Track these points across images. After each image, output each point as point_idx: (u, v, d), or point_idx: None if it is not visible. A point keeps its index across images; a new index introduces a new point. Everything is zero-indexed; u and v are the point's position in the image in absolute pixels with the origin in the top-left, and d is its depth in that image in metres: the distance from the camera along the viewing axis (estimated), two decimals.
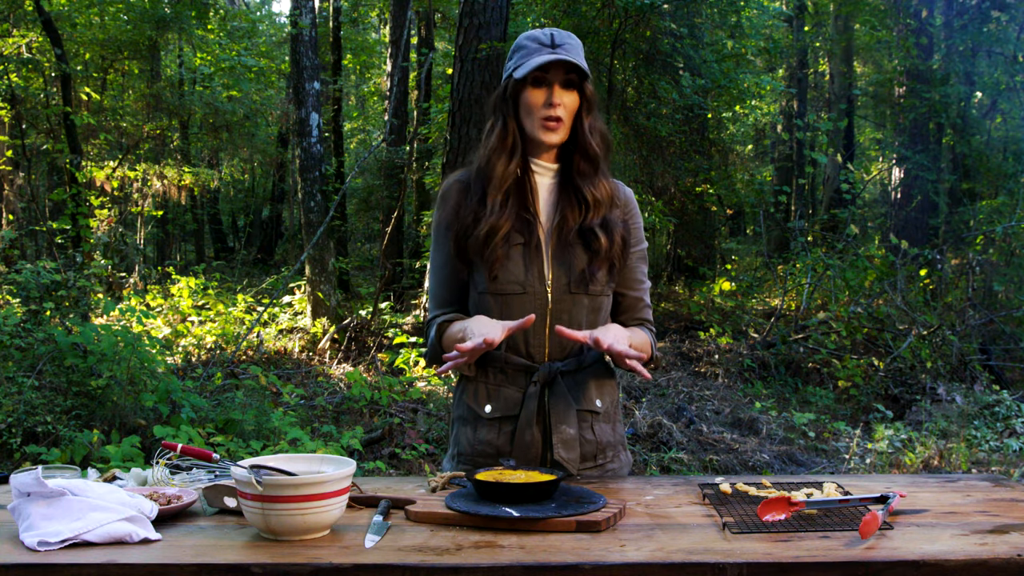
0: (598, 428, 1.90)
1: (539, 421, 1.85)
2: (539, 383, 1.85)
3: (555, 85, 1.82)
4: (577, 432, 1.86)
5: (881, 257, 9.18)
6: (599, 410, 1.91)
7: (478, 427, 1.90)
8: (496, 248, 1.82)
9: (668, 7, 9.35)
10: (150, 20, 10.90)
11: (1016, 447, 5.65)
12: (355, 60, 17.90)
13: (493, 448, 1.87)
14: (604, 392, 1.93)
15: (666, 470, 5.21)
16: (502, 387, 1.87)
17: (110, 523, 1.41)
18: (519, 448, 1.84)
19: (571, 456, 1.85)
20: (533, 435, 1.84)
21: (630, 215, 1.94)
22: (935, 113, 11.46)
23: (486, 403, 1.89)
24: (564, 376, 1.87)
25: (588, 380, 1.90)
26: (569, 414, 1.86)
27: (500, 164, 1.85)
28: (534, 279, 1.84)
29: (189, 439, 4.27)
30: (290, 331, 9.01)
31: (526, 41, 1.85)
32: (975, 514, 1.59)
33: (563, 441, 1.84)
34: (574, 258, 1.84)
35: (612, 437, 1.94)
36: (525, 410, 1.84)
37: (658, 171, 10.13)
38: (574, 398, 1.87)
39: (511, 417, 1.86)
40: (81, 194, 9.10)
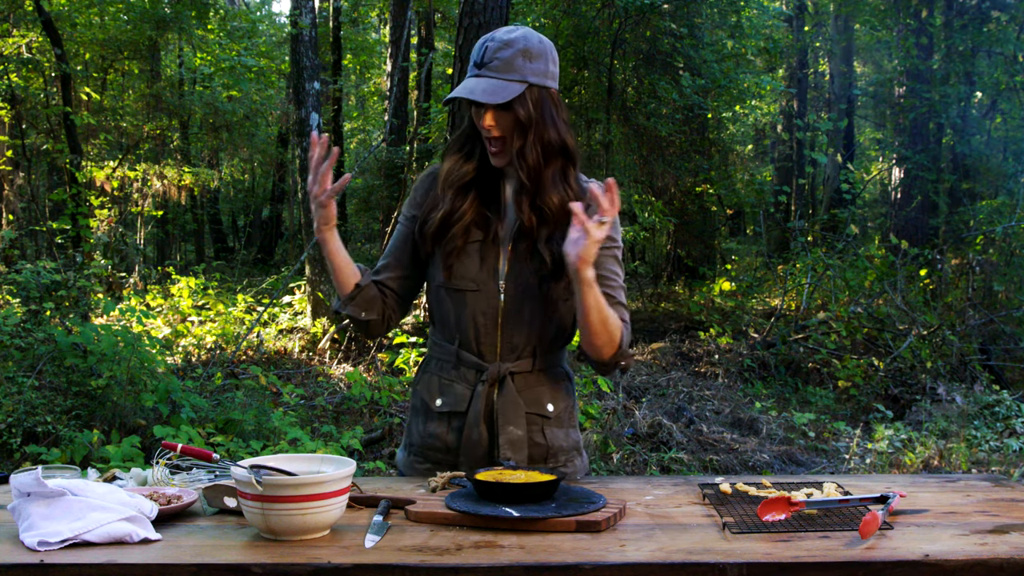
0: (549, 432, 1.88)
1: (486, 420, 1.84)
2: (487, 382, 1.84)
3: (487, 109, 1.75)
4: (525, 434, 1.85)
5: (881, 257, 9.18)
6: (550, 414, 1.88)
7: (428, 419, 1.91)
8: (455, 238, 1.82)
9: (668, 7, 9.35)
10: (150, 20, 10.90)
11: (1016, 447, 5.65)
12: (355, 60, 17.90)
13: (442, 443, 1.88)
14: (557, 396, 1.90)
15: (666, 470, 5.21)
16: (453, 383, 1.87)
17: (110, 523, 1.41)
18: (466, 445, 1.84)
19: (518, 458, 1.83)
20: (480, 434, 1.83)
21: None
22: (935, 113, 11.46)
23: (437, 396, 1.89)
24: (515, 377, 1.85)
25: (540, 383, 1.88)
26: (517, 416, 1.84)
27: (449, 162, 1.86)
28: (488, 277, 1.82)
29: (189, 439, 4.27)
30: (290, 331, 9.01)
31: (472, 53, 1.80)
32: (975, 514, 1.59)
33: (509, 442, 1.83)
34: (534, 259, 1.82)
35: (565, 442, 1.91)
36: (472, 408, 1.84)
37: (658, 171, 10.13)
38: (524, 400, 1.85)
39: (460, 413, 1.86)
40: (81, 194, 9.10)
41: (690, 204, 11.52)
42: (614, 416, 6.07)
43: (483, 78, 1.75)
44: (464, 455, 1.85)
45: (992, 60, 12.70)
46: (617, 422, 5.95)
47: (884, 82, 14.06)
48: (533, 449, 1.86)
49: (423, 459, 1.91)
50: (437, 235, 1.84)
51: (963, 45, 11.97)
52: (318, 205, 1.77)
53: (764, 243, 11.12)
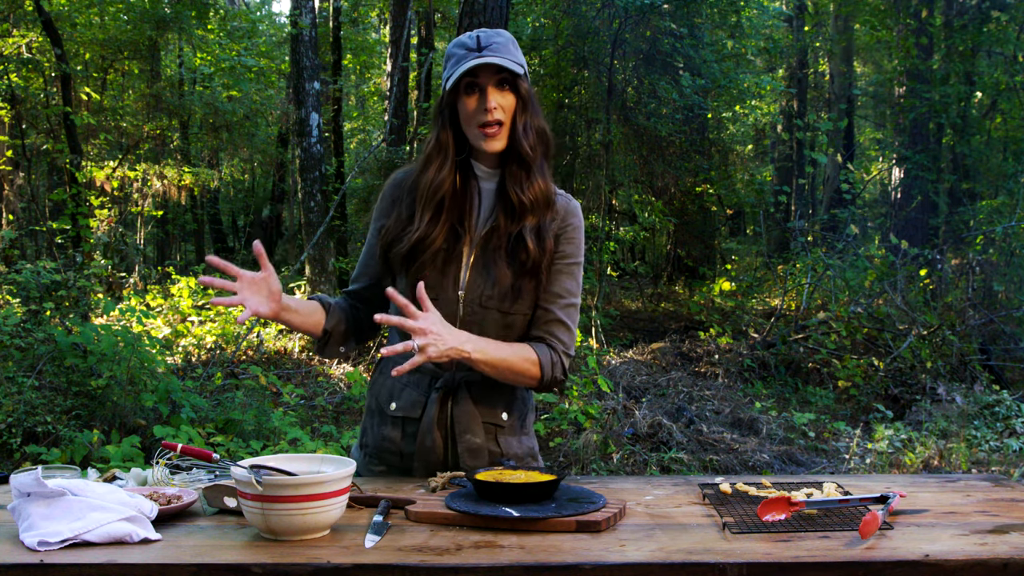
0: (503, 440, 1.89)
1: (441, 428, 1.85)
2: (441, 390, 1.85)
3: (488, 88, 1.76)
4: (483, 442, 1.86)
5: (881, 257, 9.18)
6: (504, 423, 1.89)
7: (383, 422, 1.91)
8: (424, 266, 1.81)
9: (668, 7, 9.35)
10: (150, 20, 10.90)
11: (1016, 447, 5.65)
12: (355, 60, 17.89)
13: (396, 447, 1.88)
14: (512, 405, 1.91)
15: (666, 470, 5.21)
16: (407, 388, 1.88)
17: (110, 523, 1.41)
18: (420, 451, 1.85)
19: (479, 464, 1.84)
20: (434, 440, 1.84)
21: (565, 229, 1.85)
22: (935, 113, 11.46)
23: (391, 400, 1.89)
24: (470, 386, 1.86)
25: (495, 392, 1.88)
26: (474, 424, 1.85)
27: (430, 173, 1.83)
28: (448, 287, 1.82)
29: (189, 439, 4.27)
30: (290, 331, 9.01)
31: (455, 49, 1.80)
32: (975, 514, 1.59)
33: (469, 450, 1.84)
34: (496, 270, 1.81)
35: (519, 449, 1.92)
36: (427, 415, 1.84)
37: (658, 171, 10.13)
38: (479, 409, 1.86)
39: (414, 419, 1.86)
40: (81, 194, 9.10)
41: (690, 204, 11.52)
42: (614, 416, 6.07)
43: (488, 56, 1.76)
44: (418, 460, 1.85)
45: (992, 60, 12.69)
46: (617, 422, 5.95)
47: (884, 82, 14.06)
48: (491, 457, 1.87)
49: (378, 461, 1.92)
50: (407, 259, 1.83)
51: (963, 45, 11.97)
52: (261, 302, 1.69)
53: (764, 243, 11.12)
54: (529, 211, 1.81)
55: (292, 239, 14.32)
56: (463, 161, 1.85)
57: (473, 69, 1.75)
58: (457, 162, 1.84)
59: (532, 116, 1.81)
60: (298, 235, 11.46)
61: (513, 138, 1.80)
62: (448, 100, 1.81)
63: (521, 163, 1.81)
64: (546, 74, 10.15)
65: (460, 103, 1.80)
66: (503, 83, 1.78)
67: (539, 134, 1.83)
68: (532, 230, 1.81)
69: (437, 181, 1.81)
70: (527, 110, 1.80)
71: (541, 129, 1.83)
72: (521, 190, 1.80)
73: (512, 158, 1.82)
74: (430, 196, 1.82)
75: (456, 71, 1.76)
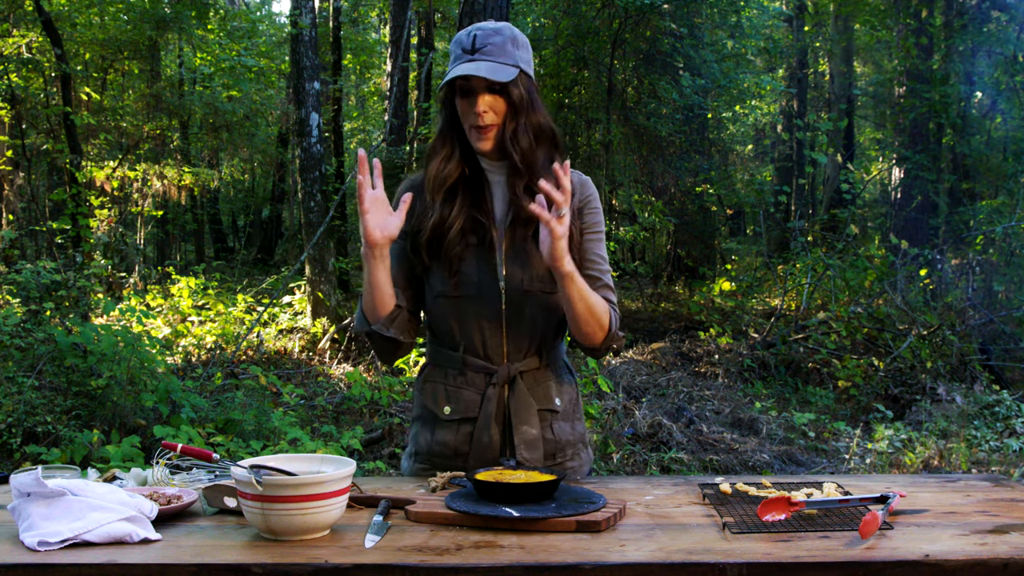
0: (557, 427, 1.89)
1: (498, 422, 1.85)
2: (498, 384, 1.84)
3: (479, 93, 1.77)
4: (539, 432, 1.86)
5: (881, 257, 9.18)
6: (558, 408, 1.90)
7: (436, 428, 1.90)
8: (453, 245, 1.81)
9: (668, 7, 9.35)
10: (150, 20, 10.90)
11: (1016, 447, 5.65)
12: (355, 60, 17.90)
13: (451, 449, 1.87)
14: (563, 390, 1.92)
15: (666, 470, 5.21)
16: (461, 389, 1.87)
17: (110, 523, 1.42)
18: (477, 449, 1.84)
19: (534, 456, 1.84)
20: (491, 436, 1.84)
21: (586, 201, 1.89)
22: (935, 113, 11.46)
23: (444, 404, 1.88)
24: (524, 376, 1.86)
25: (547, 379, 1.89)
26: (530, 414, 1.85)
27: (435, 165, 1.85)
28: (488, 279, 1.82)
29: (189, 439, 4.27)
30: (290, 331, 9.01)
31: (453, 45, 1.82)
32: (975, 514, 1.59)
33: (525, 441, 1.84)
34: (530, 257, 1.82)
35: (571, 435, 1.92)
36: (483, 412, 1.84)
37: (658, 171, 10.13)
38: (534, 397, 1.87)
39: (470, 419, 1.86)
40: (81, 194, 9.10)
41: (690, 204, 11.53)
42: (614, 416, 6.07)
43: (478, 61, 1.76)
44: (474, 458, 1.85)
45: (992, 60, 12.69)
46: (617, 422, 5.95)
47: (884, 82, 14.05)
48: (545, 446, 1.87)
49: (430, 466, 1.90)
50: (431, 244, 1.83)
51: (963, 45, 11.97)
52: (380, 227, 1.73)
53: (764, 243, 11.12)
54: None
55: (292, 239, 14.32)
56: (470, 153, 1.86)
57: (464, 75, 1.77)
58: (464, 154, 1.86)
59: (529, 116, 1.81)
60: (298, 235, 11.45)
61: (502, 144, 1.81)
62: (447, 98, 1.84)
63: (515, 170, 1.83)
64: (546, 74, 10.15)
65: (455, 102, 1.82)
66: (496, 87, 1.78)
67: (538, 132, 1.82)
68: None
69: (445, 171, 1.84)
70: (520, 113, 1.80)
71: (539, 126, 1.82)
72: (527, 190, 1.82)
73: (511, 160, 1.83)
74: (439, 184, 1.84)
75: (449, 72, 1.78)
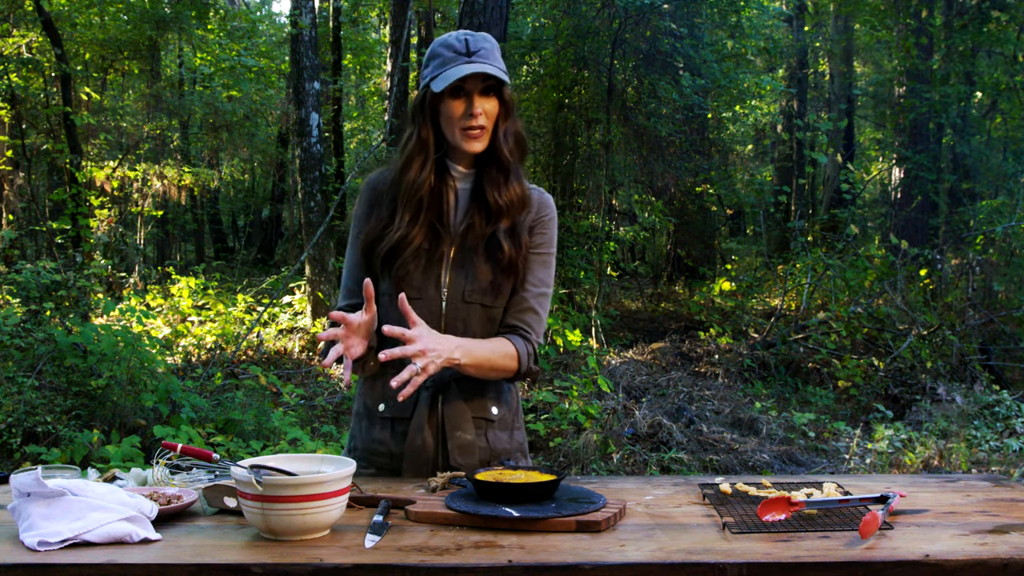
0: (492, 435, 1.90)
1: (431, 425, 1.86)
2: (431, 388, 1.86)
3: (474, 95, 1.80)
4: (474, 439, 1.87)
5: (881, 257, 9.18)
6: (493, 417, 1.91)
7: (372, 424, 1.92)
8: (406, 263, 1.82)
9: (668, 7, 9.34)
10: (150, 20, 10.90)
11: (1016, 447, 5.65)
12: (355, 60, 17.89)
13: (386, 448, 1.89)
14: (500, 399, 1.93)
15: (666, 470, 5.21)
16: (397, 389, 1.88)
17: (110, 523, 1.41)
18: (410, 451, 1.85)
19: (469, 462, 1.85)
20: (424, 439, 1.85)
21: (540, 220, 1.91)
22: (935, 113, 11.45)
23: (380, 401, 1.90)
24: (459, 383, 1.87)
25: (484, 387, 1.90)
26: (465, 421, 1.86)
27: (412, 173, 1.84)
28: (430, 286, 1.84)
29: (189, 439, 4.27)
30: (290, 331, 9.01)
31: (441, 49, 1.82)
32: (975, 514, 1.59)
33: (459, 447, 1.85)
34: (476, 268, 1.84)
35: (509, 444, 1.93)
36: (416, 414, 1.85)
37: (658, 171, 10.13)
38: (468, 405, 1.87)
39: (404, 419, 1.87)
40: (81, 194, 9.10)
41: (690, 204, 11.53)
42: (614, 416, 6.07)
43: (478, 63, 1.78)
44: (408, 460, 1.86)
45: (992, 60, 12.69)
46: (617, 422, 5.95)
47: (884, 82, 14.04)
48: (479, 453, 1.88)
49: (367, 464, 1.92)
50: (388, 259, 1.84)
51: (963, 45, 11.96)
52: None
53: (764, 243, 11.12)
54: (505, 214, 1.84)
55: (292, 239, 14.31)
56: (439, 160, 1.87)
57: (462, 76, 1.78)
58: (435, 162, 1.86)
59: (512, 122, 1.86)
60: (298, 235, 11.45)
61: (495, 144, 1.84)
62: (431, 101, 1.83)
63: (500, 167, 1.85)
64: (546, 74, 10.15)
65: (444, 104, 1.82)
66: (488, 89, 1.82)
67: (517, 139, 1.87)
68: (506, 232, 1.84)
69: (419, 180, 1.84)
70: (509, 116, 1.85)
71: (519, 134, 1.88)
72: (499, 193, 1.84)
73: (491, 162, 1.86)
74: (411, 195, 1.84)
75: (446, 74, 1.78)
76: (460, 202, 1.89)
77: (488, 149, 1.85)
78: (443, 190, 1.86)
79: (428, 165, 1.84)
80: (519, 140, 1.88)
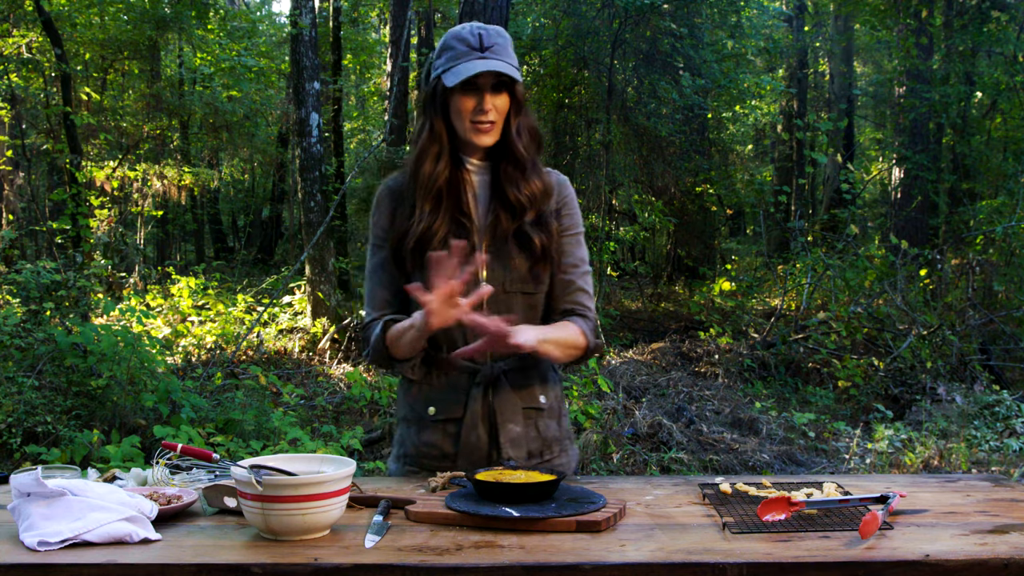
0: (542, 424, 1.91)
1: (484, 421, 1.86)
2: (482, 384, 1.85)
3: (485, 90, 1.80)
4: (524, 430, 1.87)
5: (881, 257, 9.18)
6: (543, 406, 1.91)
7: (422, 428, 1.90)
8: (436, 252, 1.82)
9: (668, 7, 9.34)
10: (150, 20, 10.90)
11: (1016, 447, 5.65)
12: (355, 60, 17.89)
13: (438, 450, 1.88)
14: (548, 388, 1.93)
15: (666, 470, 5.21)
16: (445, 389, 1.87)
17: (110, 523, 1.41)
18: (465, 449, 1.85)
19: (519, 454, 1.86)
20: (479, 436, 1.85)
21: (564, 201, 1.92)
22: (935, 113, 11.45)
23: (429, 405, 1.89)
24: (507, 375, 1.87)
25: (531, 377, 1.90)
26: (515, 412, 1.86)
27: (427, 165, 1.84)
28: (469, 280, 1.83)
29: (189, 439, 4.27)
30: (290, 331, 9.01)
31: (453, 42, 1.82)
32: (975, 514, 1.59)
33: (511, 440, 1.86)
34: (511, 259, 1.84)
35: (557, 432, 1.94)
36: (470, 412, 1.85)
37: (658, 171, 10.13)
38: (519, 396, 1.88)
39: (455, 419, 1.87)
40: (81, 194, 9.10)
41: (690, 204, 11.53)
42: (614, 416, 6.07)
43: (491, 60, 1.78)
44: (463, 458, 1.85)
45: (992, 60, 12.68)
46: (617, 422, 5.95)
47: (884, 82, 14.04)
48: (530, 443, 1.89)
49: (418, 468, 1.91)
50: (415, 253, 1.84)
51: (963, 45, 11.95)
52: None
53: (764, 243, 11.12)
54: (528, 208, 1.85)
55: (292, 239, 14.31)
56: (453, 153, 1.87)
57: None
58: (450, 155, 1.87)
59: (526, 115, 1.86)
60: (298, 235, 11.45)
61: (508, 139, 1.84)
62: (442, 95, 1.83)
63: (516, 163, 1.85)
64: (546, 74, 10.15)
65: (455, 99, 1.82)
66: (500, 86, 1.82)
67: (531, 134, 1.88)
68: (533, 223, 1.85)
69: (435, 172, 1.84)
70: (521, 111, 1.85)
71: (533, 128, 1.88)
72: (518, 189, 1.84)
73: (507, 158, 1.86)
74: (428, 187, 1.84)
75: (457, 68, 1.78)
76: (481, 195, 1.89)
77: (501, 144, 1.86)
78: (460, 182, 1.87)
79: (443, 157, 1.85)
80: (533, 134, 1.88)
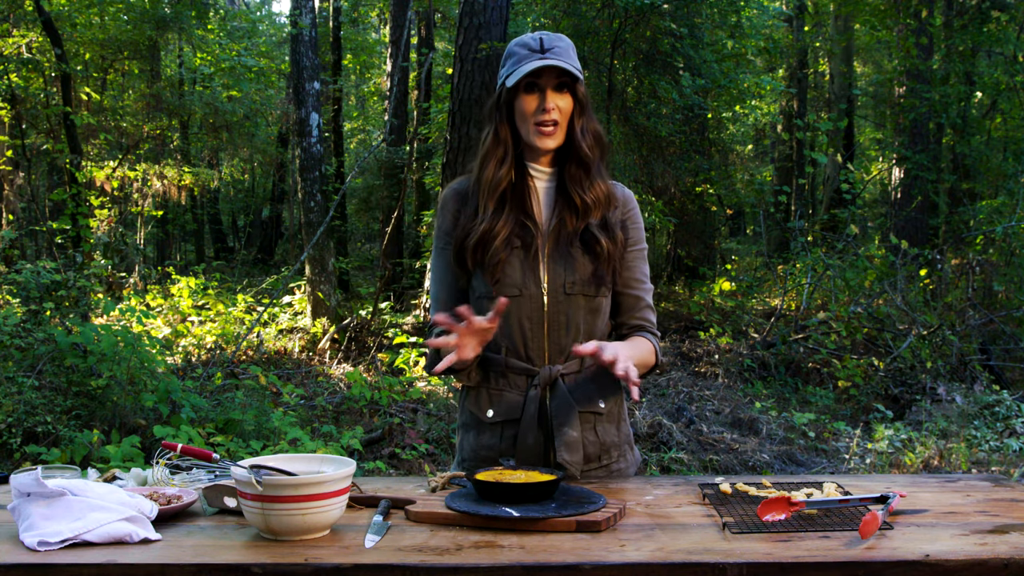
0: (601, 429, 1.90)
1: (541, 424, 1.85)
2: (539, 386, 1.85)
3: (547, 90, 1.82)
4: (580, 434, 1.86)
5: (881, 257, 9.18)
6: (602, 411, 1.90)
7: (480, 432, 1.91)
8: (497, 252, 1.83)
9: (668, 7, 9.35)
10: (150, 20, 10.91)
11: (1016, 447, 5.65)
12: (355, 60, 17.90)
13: (496, 452, 1.88)
14: (607, 392, 1.92)
15: (666, 470, 5.21)
16: (503, 391, 1.87)
17: (110, 523, 1.42)
18: (521, 451, 1.84)
19: (574, 458, 1.84)
20: (535, 438, 1.84)
21: (628, 215, 1.94)
22: (935, 113, 11.45)
23: (488, 408, 1.89)
24: (565, 378, 1.87)
25: (590, 381, 1.89)
26: (571, 416, 1.85)
27: (490, 169, 1.86)
28: (530, 281, 1.84)
29: (189, 439, 4.27)
30: (290, 331, 9.01)
31: (517, 48, 1.85)
32: (975, 514, 1.59)
33: (566, 444, 1.84)
34: (574, 261, 1.85)
35: (617, 437, 1.94)
36: (526, 414, 1.84)
37: (658, 171, 10.13)
38: (576, 400, 1.87)
39: (513, 421, 1.86)
40: (81, 194, 9.10)
41: (690, 204, 11.51)
42: None
43: (551, 59, 1.80)
44: (518, 461, 1.85)
45: (992, 60, 12.68)
46: None
47: (884, 82, 14.04)
48: (588, 448, 1.88)
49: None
50: (476, 251, 1.85)
51: (963, 45, 11.95)
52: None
53: (764, 243, 11.11)
54: (592, 210, 1.86)
55: (292, 239, 14.31)
56: (518, 159, 1.88)
57: (535, 70, 1.80)
58: (514, 159, 1.88)
59: (589, 118, 1.87)
60: (298, 235, 11.46)
61: (572, 140, 1.86)
62: (507, 98, 1.85)
63: (580, 164, 1.87)
64: None
65: (518, 101, 1.84)
66: (562, 86, 1.83)
67: (596, 137, 1.89)
68: (599, 225, 1.86)
69: (498, 176, 1.85)
70: (584, 113, 1.86)
71: (597, 132, 1.89)
72: (583, 190, 1.86)
73: (572, 159, 1.87)
74: (492, 189, 1.85)
75: (519, 70, 1.80)
76: (545, 200, 1.90)
77: (567, 146, 1.87)
78: (524, 186, 1.88)
79: (507, 161, 1.86)
80: (598, 137, 1.89)
